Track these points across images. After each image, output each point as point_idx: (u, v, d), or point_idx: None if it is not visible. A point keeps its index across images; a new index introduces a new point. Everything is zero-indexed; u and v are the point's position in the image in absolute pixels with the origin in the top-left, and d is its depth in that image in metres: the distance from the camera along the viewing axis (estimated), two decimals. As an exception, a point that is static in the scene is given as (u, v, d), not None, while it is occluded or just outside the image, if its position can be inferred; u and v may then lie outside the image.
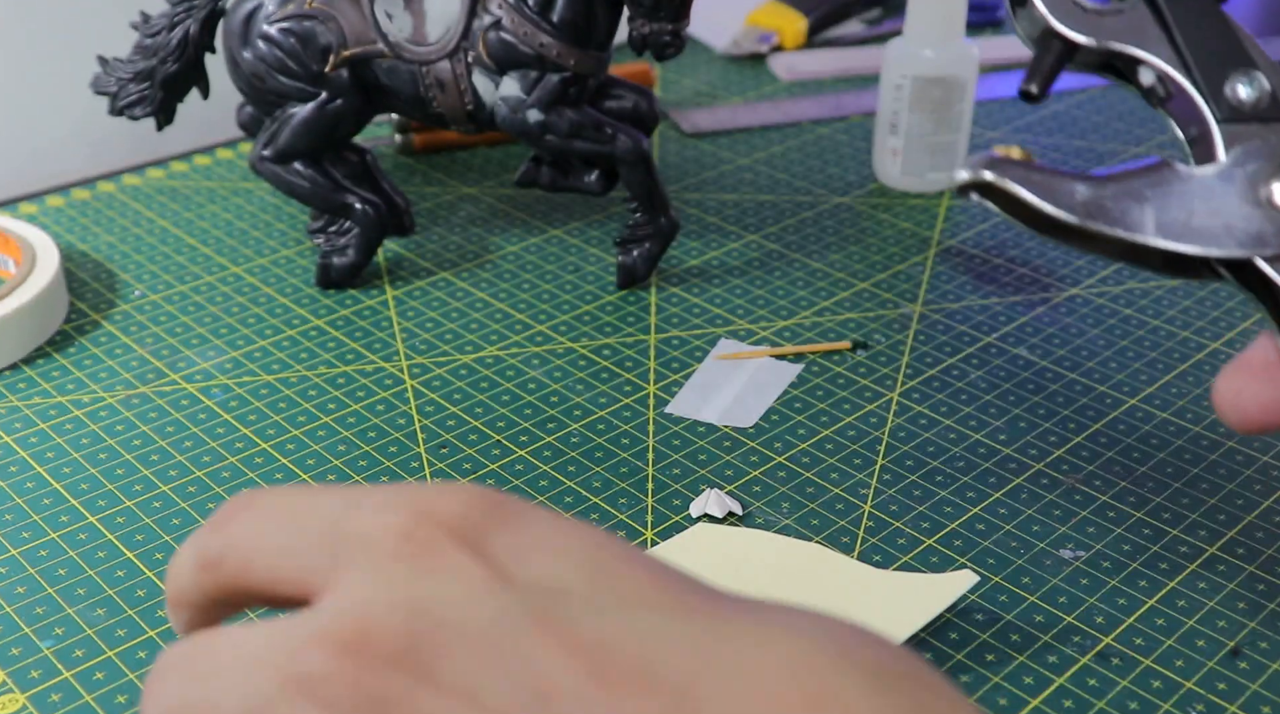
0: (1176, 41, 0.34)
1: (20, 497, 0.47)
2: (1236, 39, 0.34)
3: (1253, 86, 0.34)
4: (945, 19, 0.67)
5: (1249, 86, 0.34)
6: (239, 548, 0.25)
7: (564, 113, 0.58)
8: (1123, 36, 0.34)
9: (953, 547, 0.45)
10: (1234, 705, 0.39)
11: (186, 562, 0.26)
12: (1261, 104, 0.34)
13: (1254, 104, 0.34)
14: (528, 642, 0.21)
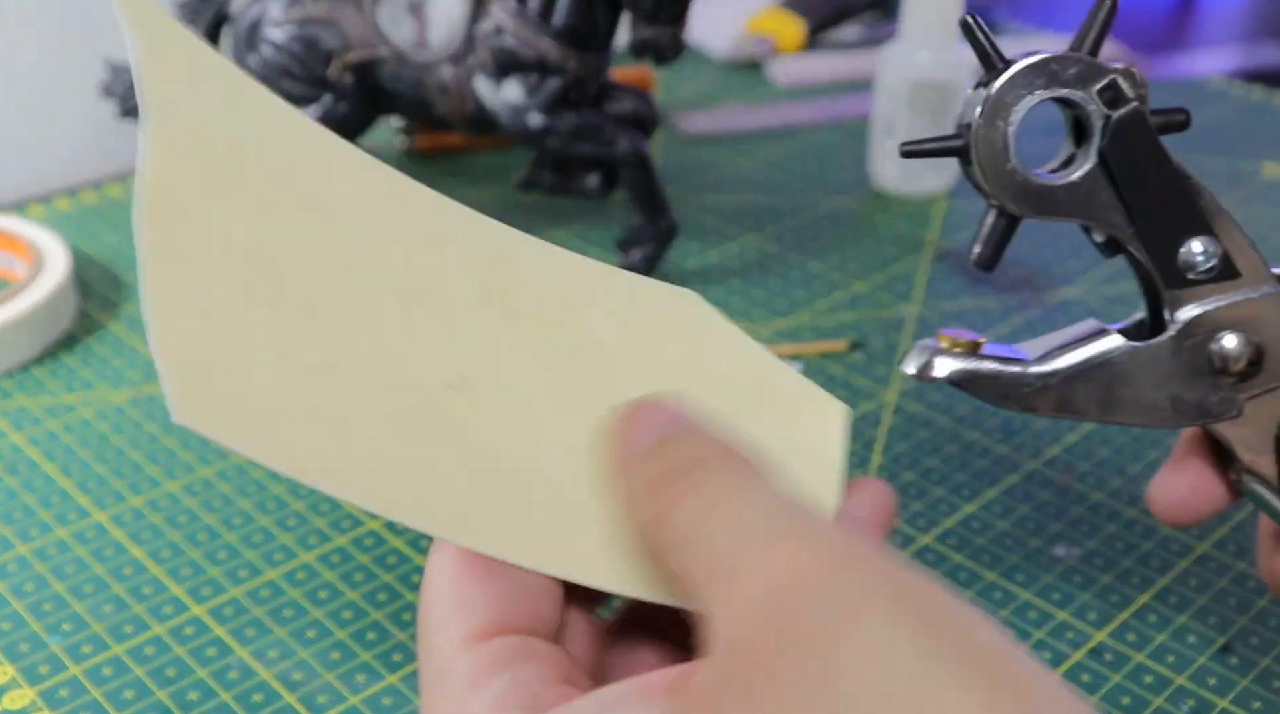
0: (1128, 209, 0.33)
1: (29, 495, 0.48)
2: (1191, 200, 0.33)
3: (1205, 251, 0.33)
4: (941, 23, 0.67)
5: (1202, 252, 0.33)
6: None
7: (565, 116, 0.59)
8: (1071, 209, 0.33)
9: (948, 544, 0.46)
10: (1225, 701, 0.40)
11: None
12: (1214, 268, 0.33)
13: (1206, 268, 0.33)
14: None
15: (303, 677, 0.40)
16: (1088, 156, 0.33)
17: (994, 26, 0.96)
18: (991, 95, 0.32)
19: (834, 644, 0.22)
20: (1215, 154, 0.75)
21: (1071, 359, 0.34)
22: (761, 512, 0.25)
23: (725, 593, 0.24)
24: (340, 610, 0.43)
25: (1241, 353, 0.33)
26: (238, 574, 0.44)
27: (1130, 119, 0.32)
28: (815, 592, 0.23)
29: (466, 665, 0.26)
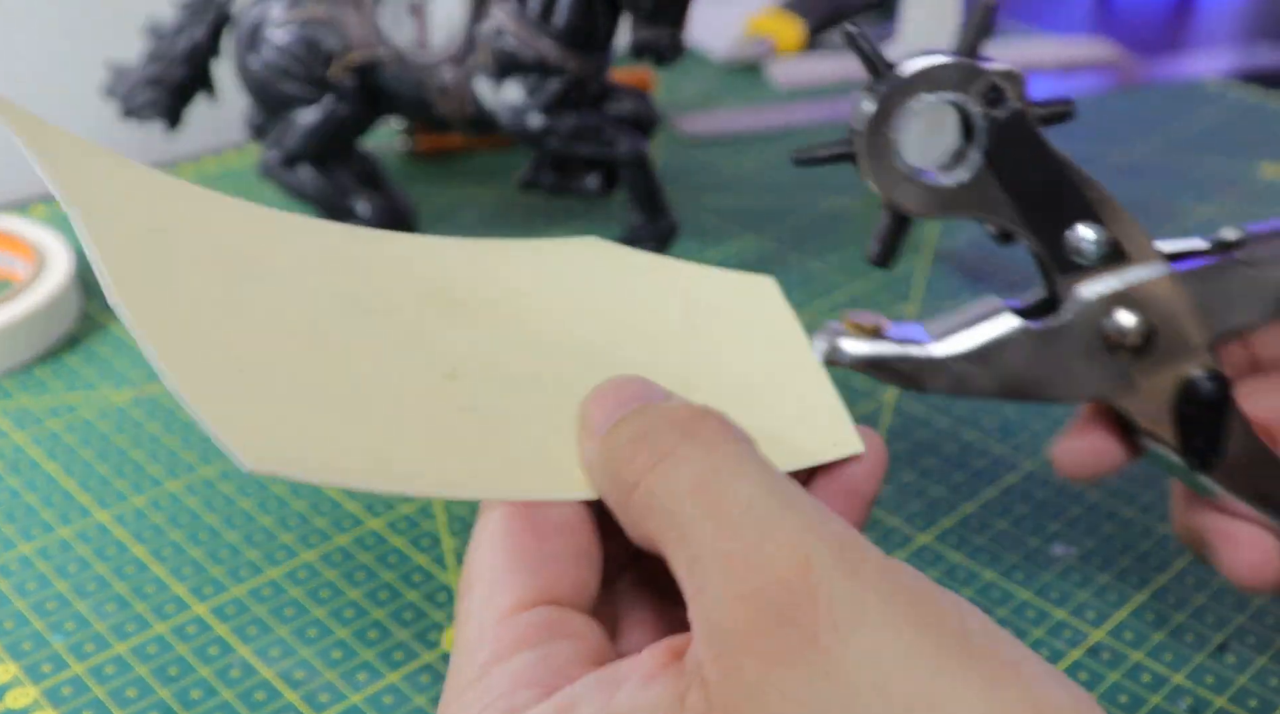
0: (1016, 203, 0.34)
1: (31, 494, 0.48)
2: (1077, 190, 0.34)
3: (1093, 238, 0.34)
4: (940, 23, 0.67)
5: (1089, 239, 0.34)
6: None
7: (565, 117, 0.59)
8: (962, 207, 0.34)
9: (947, 543, 0.46)
10: (1222, 699, 0.40)
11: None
12: (1102, 253, 0.34)
13: (1095, 254, 0.34)
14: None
15: (304, 675, 0.40)
16: (975, 155, 0.34)
17: (994, 27, 0.96)
18: (877, 102, 0.33)
19: (839, 641, 0.23)
20: (1214, 154, 0.75)
21: (970, 340, 0.35)
22: (753, 490, 0.26)
23: (716, 574, 0.24)
24: (342, 609, 0.43)
25: (1135, 330, 0.34)
26: (239, 573, 0.44)
27: (1011, 119, 0.33)
28: (815, 587, 0.23)
29: (498, 636, 0.27)
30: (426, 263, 0.33)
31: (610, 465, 0.28)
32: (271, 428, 0.27)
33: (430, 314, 0.32)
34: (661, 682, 0.25)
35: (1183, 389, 0.35)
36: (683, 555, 0.25)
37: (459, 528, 0.46)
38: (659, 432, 0.28)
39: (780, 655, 0.23)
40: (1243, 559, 0.35)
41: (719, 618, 0.24)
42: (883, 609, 0.23)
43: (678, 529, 0.26)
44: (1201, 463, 0.35)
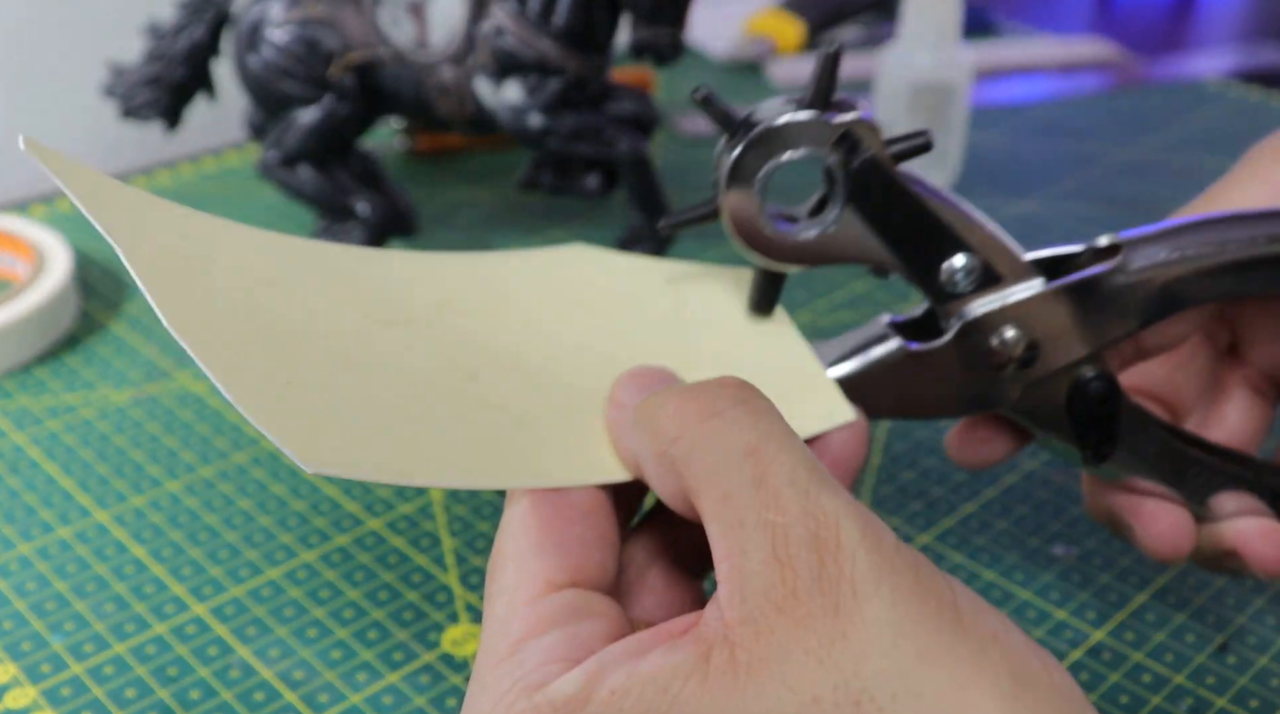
0: (885, 243, 0.34)
1: (31, 494, 0.48)
2: (943, 224, 0.34)
3: (965, 267, 0.35)
4: (940, 25, 0.67)
5: (962, 268, 0.35)
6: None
7: (565, 117, 0.59)
8: (830, 256, 0.35)
9: (948, 543, 0.46)
10: (1223, 699, 0.40)
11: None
12: (976, 279, 0.35)
13: (969, 281, 0.35)
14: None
15: (304, 675, 0.40)
16: (838, 203, 0.34)
17: (994, 26, 0.96)
18: (732, 163, 0.33)
19: (856, 608, 0.25)
20: (1214, 154, 0.75)
21: (860, 364, 0.36)
22: (796, 463, 0.27)
23: (759, 539, 0.26)
24: (341, 609, 0.43)
25: (1018, 345, 0.35)
26: (239, 573, 0.44)
27: (867, 167, 0.33)
28: (843, 559, 0.26)
29: (529, 615, 0.28)
30: (430, 278, 0.35)
31: (650, 419, 0.30)
32: (323, 433, 0.29)
33: (443, 323, 0.34)
34: (684, 645, 0.26)
35: (1072, 391, 0.36)
36: (724, 515, 0.27)
37: (459, 528, 0.46)
38: (709, 393, 0.29)
39: (807, 618, 0.25)
40: (1156, 532, 0.37)
41: (756, 580, 0.26)
42: (893, 582, 0.26)
43: (723, 489, 0.27)
44: (1098, 455, 0.37)
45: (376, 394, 0.31)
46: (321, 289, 0.33)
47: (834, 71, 0.33)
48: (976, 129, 0.79)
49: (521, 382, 0.33)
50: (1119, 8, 2.42)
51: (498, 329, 0.34)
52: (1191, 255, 0.35)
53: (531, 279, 0.36)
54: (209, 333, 0.30)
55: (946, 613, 0.26)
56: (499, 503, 0.48)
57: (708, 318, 0.36)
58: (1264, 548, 0.37)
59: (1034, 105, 0.84)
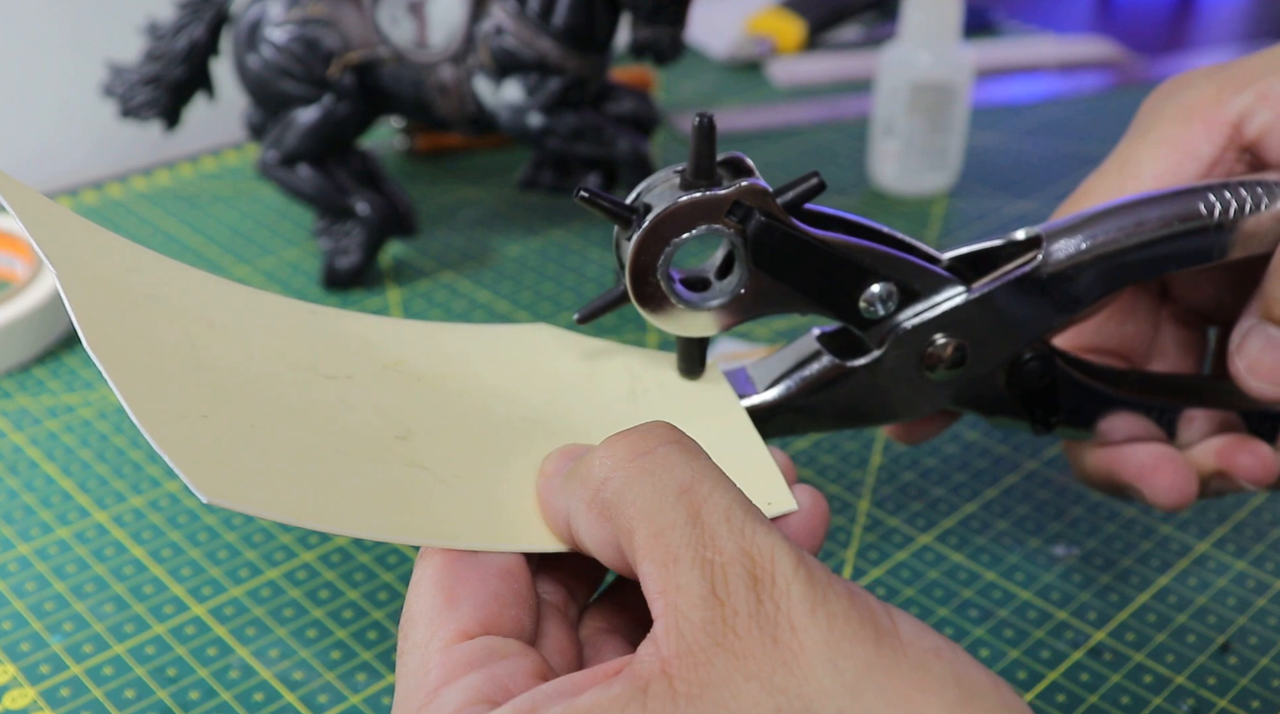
0: (798, 292, 0.35)
1: (30, 494, 0.48)
2: (851, 262, 0.35)
3: (882, 293, 0.35)
4: (940, 24, 0.67)
5: (879, 295, 0.35)
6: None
7: (565, 116, 0.59)
8: (747, 312, 0.35)
9: (948, 543, 0.46)
10: (1224, 700, 0.40)
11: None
12: (894, 301, 0.35)
13: (889, 307, 0.35)
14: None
15: (303, 676, 0.40)
16: (741, 267, 0.34)
17: (994, 26, 0.96)
18: (631, 253, 0.34)
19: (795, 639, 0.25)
20: (1215, 154, 0.75)
21: (794, 385, 0.36)
22: (730, 501, 0.27)
23: (696, 574, 0.26)
24: (341, 610, 0.43)
25: (947, 347, 0.36)
26: (238, 574, 0.44)
27: (762, 231, 0.33)
28: (779, 592, 0.26)
29: (444, 662, 0.28)
30: (385, 339, 0.36)
31: (579, 472, 0.29)
32: (229, 467, 0.29)
33: (386, 383, 0.34)
34: (619, 681, 0.26)
35: (1010, 373, 0.37)
36: (659, 552, 0.27)
37: (458, 528, 0.46)
38: (638, 434, 0.29)
39: (746, 650, 0.26)
40: (1163, 487, 0.39)
41: (694, 616, 0.26)
42: (830, 610, 0.26)
43: (655, 525, 0.27)
44: (1045, 426, 0.38)
45: (296, 439, 0.31)
46: (266, 337, 0.34)
47: (711, 143, 0.33)
48: (976, 129, 0.79)
49: (455, 446, 0.33)
50: (1119, 7, 2.42)
51: (444, 394, 0.34)
52: (1109, 243, 0.36)
53: (488, 351, 0.37)
54: (129, 357, 0.30)
55: (885, 635, 0.26)
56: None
57: (663, 402, 0.36)
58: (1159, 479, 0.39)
59: (1034, 105, 0.84)
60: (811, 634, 0.25)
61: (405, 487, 0.31)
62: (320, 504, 0.29)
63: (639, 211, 0.34)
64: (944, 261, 0.36)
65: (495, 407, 0.34)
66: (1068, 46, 0.92)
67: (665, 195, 0.34)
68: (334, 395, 0.33)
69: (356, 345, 0.35)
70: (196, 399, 0.30)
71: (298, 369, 0.33)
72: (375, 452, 0.32)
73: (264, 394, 0.32)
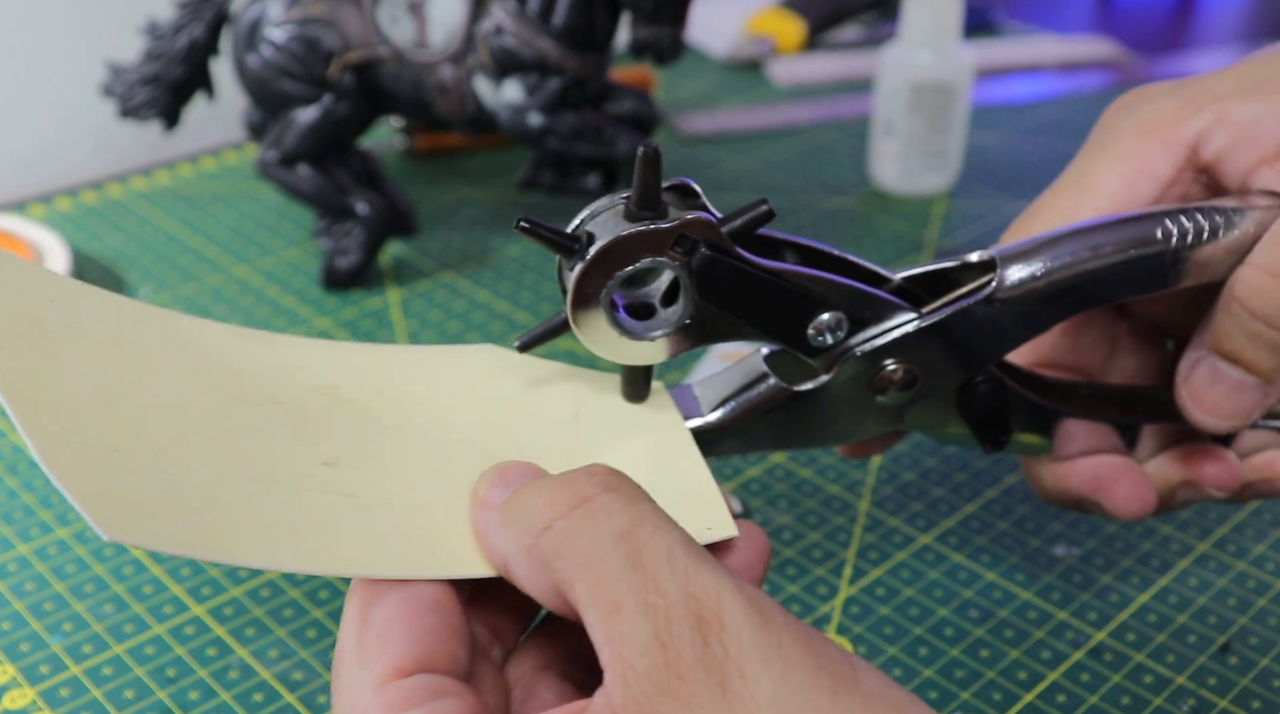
0: (745, 321, 0.34)
1: (29, 494, 0.48)
2: (798, 293, 0.34)
3: (829, 322, 0.35)
4: (940, 24, 0.67)
5: (827, 324, 0.35)
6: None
7: (565, 116, 0.59)
8: (693, 340, 0.34)
9: (948, 544, 0.46)
10: (1225, 700, 0.40)
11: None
12: (843, 330, 0.35)
13: (835, 334, 0.35)
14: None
15: (303, 676, 0.40)
16: (686, 298, 0.34)
17: (995, 26, 0.96)
18: (574, 285, 0.33)
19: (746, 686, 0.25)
20: (1215, 154, 0.75)
21: (739, 406, 0.36)
22: (672, 544, 0.27)
23: (639, 621, 0.25)
24: (340, 610, 0.43)
25: (897, 371, 0.35)
26: (238, 574, 0.44)
27: (707, 264, 0.33)
28: (728, 637, 0.25)
29: (379, 702, 0.27)
30: (318, 363, 0.35)
31: (517, 515, 0.29)
32: (135, 502, 0.28)
33: (313, 407, 0.33)
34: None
35: (960, 395, 0.37)
36: (601, 601, 0.26)
37: (458, 528, 0.46)
38: (576, 483, 0.28)
39: (694, 698, 0.25)
40: (1123, 500, 0.38)
41: (639, 663, 0.25)
42: (785, 657, 0.25)
43: (596, 574, 0.26)
44: (995, 444, 0.38)
45: (213, 469, 0.30)
46: (188, 364, 0.33)
47: (657, 174, 0.32)
48: (976, 129, 0.79)
49: (384, 472, 0.32)
50: (1120, 7, 2.42)
51: (377, 419, 0.33)
52: (1064, 269, 0.35)
53: (428, 374, 0.36)
54: (35, 391, 0.29)
55: (844, 687, 0.25)
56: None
57: (608, 426, 0.35)
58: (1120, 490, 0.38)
59: (1034, 105, 0.84)
60: (763, 683, 0.24)
61: (328, 516, 0.30)
62: (233, 537, 0.28)
63: (581, 241, 0.33)
64: (895, 282, 0.36)
65: (429, 430, 0.34)
66: (1068, 46, 0.92)
67: (609, 225, 0.33)
68: (258, 422, 0.32)
69: (286, 369, 0.34)
70: (107, 432, 0.29)
71: (221, 395, 0.32)
72: (298, 480, 0.31)
73: (182, 423, 0.31)
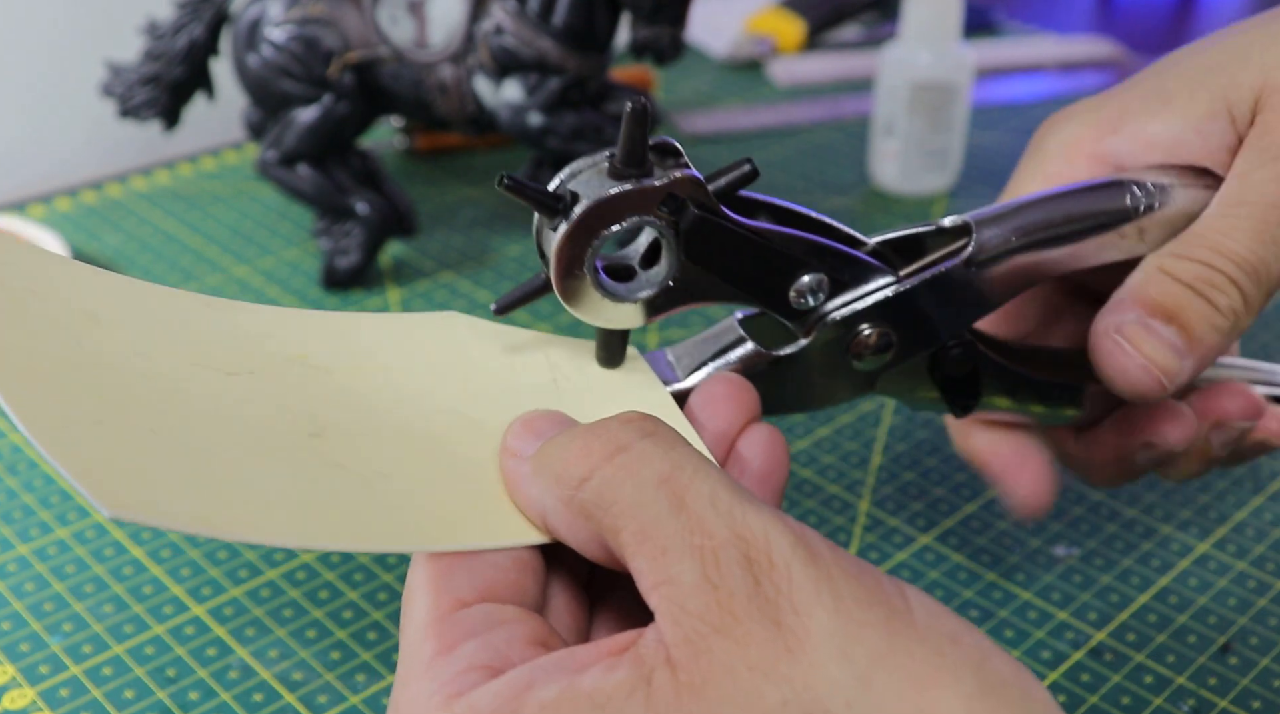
0: (728, 283, 0.34)
1: (29, 495, 0.48)
2: (781, 255, 0.34)
3: (809, 285, 0.34)
4: (940, 24, 0.67)
5: (807, 286, 0.34)
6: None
7: (565, 116, 0.59)
8: (675, 302, 0.34)
9: (949, 543, 0.46)
10: (1225, 700, 0.40)
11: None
12: (823, 292, 0.35)
13: (816, 296, 0.35)
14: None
15: (303, 676, 0.40)
16: (670, 258, 0.33)
17: (995, 26, 0.96)
18: (557, 245, 0.32)
19: (800, 622, 0.24)
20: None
21: (715, 370, 0.35)
22: (714, 486, 0.27)
23: (688, 563, 0.25)
24: (340, 610, 0.43)
25: (873, 335, 0.35)
26: (238, 574, 0.44)
27: (695, 224, 0.33)
28: (778, 573, 0.25)
29: (440, 632, 0.27)
30: (286, 331, 0.34)
31: (553, 465, 0.29)
32: (131, 477, 0.27)
33: (290, 378, 0.32)
34: (623, 664, 0.25)
35: (933, 360, 0.37)
36: (647, 547, 0.26)
37: (458, 529, 0.46)
38: (612, 431, 0.28)
39: (749, 635, 0.24)
40: (1021, 494, 0.40)
41: (689, 603, 0.25)
42: (836, 590, 0.25)
43: (639, 520, 0.26)
44: (963, 409, 0.38)
45: (201, 442, 0.29)
46: (157, 333, 0.32)
47: (644, 129, 0.32)
48: (977, 129, 0.78)
49: (371, 442, 0.31)
50: (1120, 7, 2.42)
51: (353, 387, 0.33)
52: (1039, 231, 0.36)
53: (397, 341, 0.35)
54: (9, 360, 0.28)
55: (897, 617, 0.25)
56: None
57: (584, 385, 0.35)
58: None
59: (1034, 105, 0.84)
60: (817, 618, 0.24)
61: (326, 488, 0.29)
62: (236, 512, 0.28)
63: (565, 199, 0.32)
64: (869, 246, 0.36)
65: (409, 399, 0.33)
66: (1068, 46, 0.92)
67: (593, 183, 0.32)
68: (237, 393, 0.31)
69: (256, 338, 0.33)
70: (88, 404, 0.28)
71: (195, 366, 0.31)
72: (288, 452, 0.30)
73: (160, 394, 0.30)
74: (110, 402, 0.29)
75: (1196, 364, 0.35)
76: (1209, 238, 0.35)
